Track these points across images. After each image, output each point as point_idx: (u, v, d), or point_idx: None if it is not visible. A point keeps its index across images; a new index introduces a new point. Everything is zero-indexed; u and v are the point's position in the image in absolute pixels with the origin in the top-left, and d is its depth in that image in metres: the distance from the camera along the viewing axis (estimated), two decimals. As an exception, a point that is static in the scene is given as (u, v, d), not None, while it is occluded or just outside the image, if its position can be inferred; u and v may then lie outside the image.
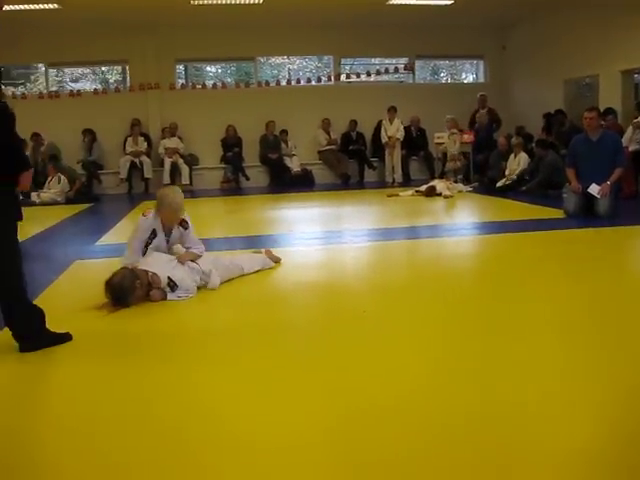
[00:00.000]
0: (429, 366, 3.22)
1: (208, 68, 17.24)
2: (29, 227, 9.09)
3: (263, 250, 5.86)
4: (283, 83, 15.75)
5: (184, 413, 2.77)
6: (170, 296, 4.71)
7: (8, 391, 3.19)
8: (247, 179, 14.74)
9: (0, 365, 3.46)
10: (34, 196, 12.57)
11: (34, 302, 4.62)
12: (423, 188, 11.43)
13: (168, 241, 5.11)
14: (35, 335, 3.64)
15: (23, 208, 9.35)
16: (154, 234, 5.01)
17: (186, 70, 16.40)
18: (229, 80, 16.76)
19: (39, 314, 3.69)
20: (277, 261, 5.75)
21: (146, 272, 4.64)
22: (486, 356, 3.34)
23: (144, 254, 4.97)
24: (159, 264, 4.80)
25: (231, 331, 4.00)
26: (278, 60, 17.19)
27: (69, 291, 5.20)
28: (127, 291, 4.49)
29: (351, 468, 2.24)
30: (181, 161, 14.42)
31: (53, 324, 3.92)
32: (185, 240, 5.15)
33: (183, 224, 5.11)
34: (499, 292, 4.71)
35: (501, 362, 3.24)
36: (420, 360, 3.32)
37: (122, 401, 2.92)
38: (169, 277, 4.69)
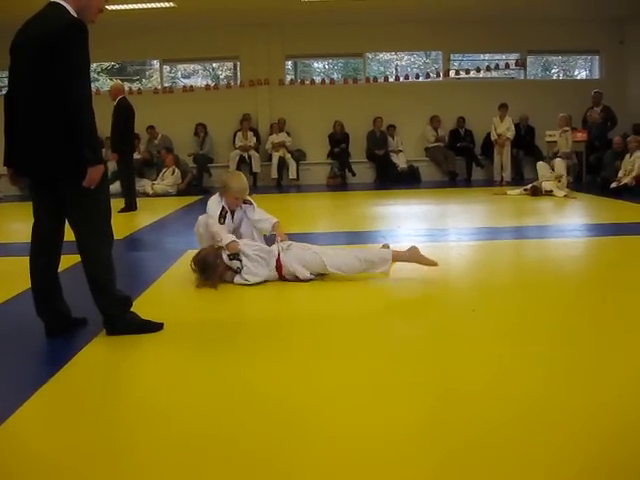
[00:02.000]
0: (537, 370, 3.15)
1: (316, 64, 17.38)
2: (144, 217, 9.47)
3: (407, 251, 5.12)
4: (391, 79, 15.70)
5: (275, 403, 2.81)
6: (236, 279, 4.95)
7: (92, 373, 3.32)
8: (353, 175, 14.80)
9: (89, 348, 3.60)
10: (147, 187, 13.04)
11: (148, 290, 4.84)
12: (529, 187, 11.17)
13: (233, 220, 5.41)
14: (119, 320, 3.74)
15: (138, 199, 9.75)
16: (224, 211, 5.33)
17: (295, 66, 16.59)
18: (336, 76, 16.84)
19: (124, 300, 3.79)
20: (429, 264, 5.04)
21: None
22: (593, 362, 3.24)
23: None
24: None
25: (332, 320, 4.04)
26: (386, 56, 17.15)
27: (180, 280, 5.33)
28: (210, 265, 4.89)
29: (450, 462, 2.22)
30: (288, 156, 14.63)
31: (160, 311, 4.07)
32: (252, 215, 5.46)
33: (246, 201, 5.47)
34: (609, 297, 4.52)
35: (607, 369, 3.14)
36: (527, 364, 3.24)
37: (210, 388, 3.00)
38: (229, 255, 4.96)
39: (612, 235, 7.00)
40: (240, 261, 4.94)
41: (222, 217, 5.32)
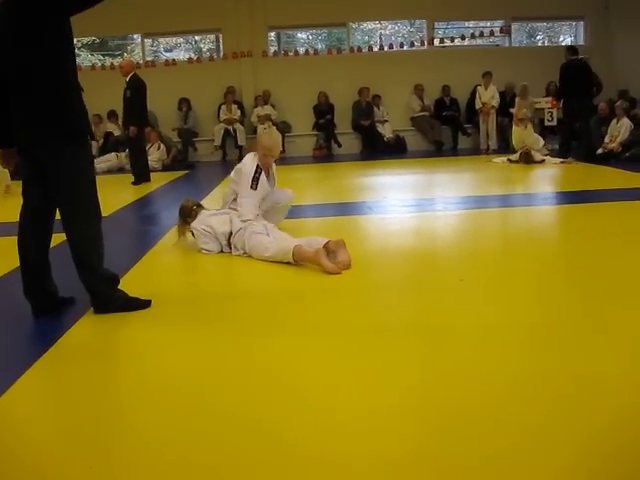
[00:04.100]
0: (525, 339, 3.16)
1: (299, 35, 17.22)
2: (130, 193, 9.41)
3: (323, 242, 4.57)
4: (375, 49, 15.56)
5: (265, 376, 2.82)
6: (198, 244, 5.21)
7: (80, 351, 3.30)
8: (339, 146, 14.72)
9: (77, 326, 3.59)
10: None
11: (135, 266, 4.82)
12: (514, 157, 11.11)
13: (268, 179, 5.34)
14: (107, 298, 3.73)
15: (124, 175, 9.62)
16: (259, 170, 5.21)
17: (278, 37, 16.42)
18: (320, 46, 16.71)
19: (111, 278, 3.77)
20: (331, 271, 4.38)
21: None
22: (580, 326, 3.26)
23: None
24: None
25: (321, 293, 4.04)
26: (370, 25, 16.99)
27: (167, 255, 5.33)
28: (180, 214, 5.37)
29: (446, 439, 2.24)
30: (274, 128, 14.52)
31: (147, 287, 4.06)
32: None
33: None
34: (597, 264, 4.53)
35: (596, 332, 3.16)
36: (516, 333, 3.26)
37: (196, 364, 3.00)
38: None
39: (598, 202, 7.01)
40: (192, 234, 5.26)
41: (255, 180, 5.16)
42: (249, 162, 5.26)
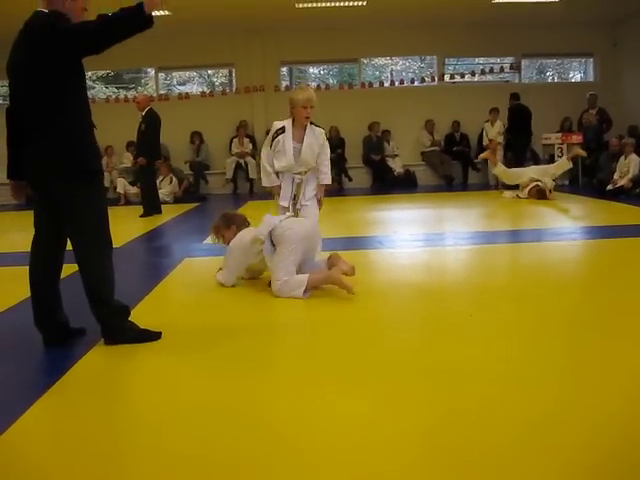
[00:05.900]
0: (537, 375, 3.15)
1: (311, 70, 17.40)
2: (142, 225, 9.45)
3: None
4: (386, 84, 15.72)
5: (271, 416, 2.80)
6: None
7: (90, 383, 3.30)
8: (350, 180, 14.78)
9: (87, 357, 3.60)
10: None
11: (146, 298, 4.83)
12: (524, 193, 11.05)
13: (300, 150, 5.14)
14: (118, 330, 3.74)
15: (134, 207, 9.68)
16: (282, 130, 5.12)
17: (290, 72, 16.60)
18: (332, 81, 16.87)
19: (122, 310, 3.78)
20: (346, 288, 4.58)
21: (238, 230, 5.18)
22: (593, 365, 3.24)
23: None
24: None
25: (326, 328, 4.03)
26: (381, 61, 17.18)
27: (178, 287, 5.35)
28: (224, 218, 5.29)
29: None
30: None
31: (158, 319, 4.07)
32: (321, 152, 5.26)
33: (316, 124, 5.29)
34: (608, 300, 4.51)
35: (608, 372, 3.14)
36: (527, 369, 3.24)
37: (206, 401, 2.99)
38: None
39: (610, 237, 7.00)
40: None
41: (273, 139, 5.12)
42: (274, 127, 5.19)
